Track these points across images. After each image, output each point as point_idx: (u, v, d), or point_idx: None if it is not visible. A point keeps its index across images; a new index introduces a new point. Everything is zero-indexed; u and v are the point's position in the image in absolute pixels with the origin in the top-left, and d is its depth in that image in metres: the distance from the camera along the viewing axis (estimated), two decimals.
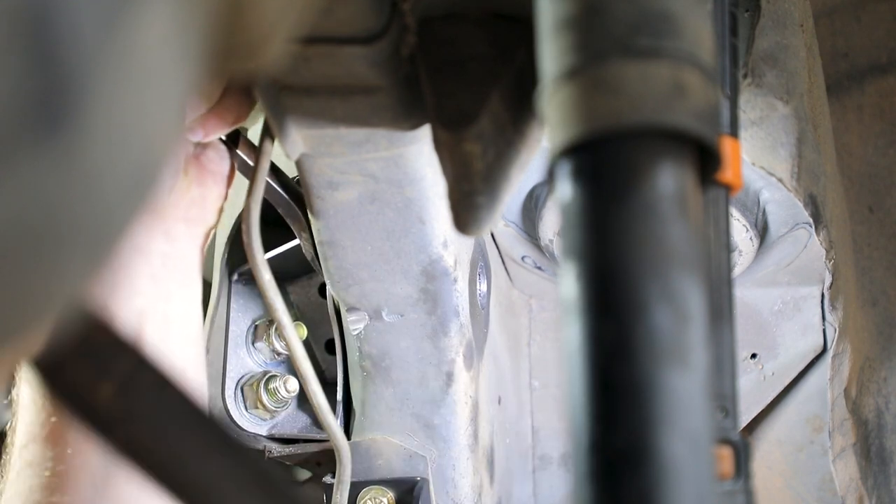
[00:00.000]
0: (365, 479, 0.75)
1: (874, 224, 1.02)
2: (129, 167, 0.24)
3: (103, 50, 0.21)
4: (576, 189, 0.34)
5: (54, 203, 0.22)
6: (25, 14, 0.20)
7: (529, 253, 0.92)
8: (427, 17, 0.52)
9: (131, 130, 0.23)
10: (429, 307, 0.70)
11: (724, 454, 0.49)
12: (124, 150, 0.23)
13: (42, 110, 0.20)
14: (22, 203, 0.21)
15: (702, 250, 0.34)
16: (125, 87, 0.22)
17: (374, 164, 0.60)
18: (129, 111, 0.23)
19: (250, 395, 0.77)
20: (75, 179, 0.22)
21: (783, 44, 0.76)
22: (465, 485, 0.77)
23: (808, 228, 0.81)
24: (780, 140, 0.76)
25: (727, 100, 0.56)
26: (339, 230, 0.65)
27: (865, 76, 1.05)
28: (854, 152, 1.04)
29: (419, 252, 0.67)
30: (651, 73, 0.34)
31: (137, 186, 0.24)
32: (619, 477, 0.31)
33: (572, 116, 0.34)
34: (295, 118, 0.56)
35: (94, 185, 0.23)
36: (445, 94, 0.49)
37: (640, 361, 0.32)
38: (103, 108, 0.22)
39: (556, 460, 0.98)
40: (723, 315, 0.51)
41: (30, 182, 0.21)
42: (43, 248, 0.22)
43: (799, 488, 0.96)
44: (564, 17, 0.35)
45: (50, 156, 0.21)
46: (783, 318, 0.92)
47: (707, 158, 0.35)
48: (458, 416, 0.75)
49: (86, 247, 0.24)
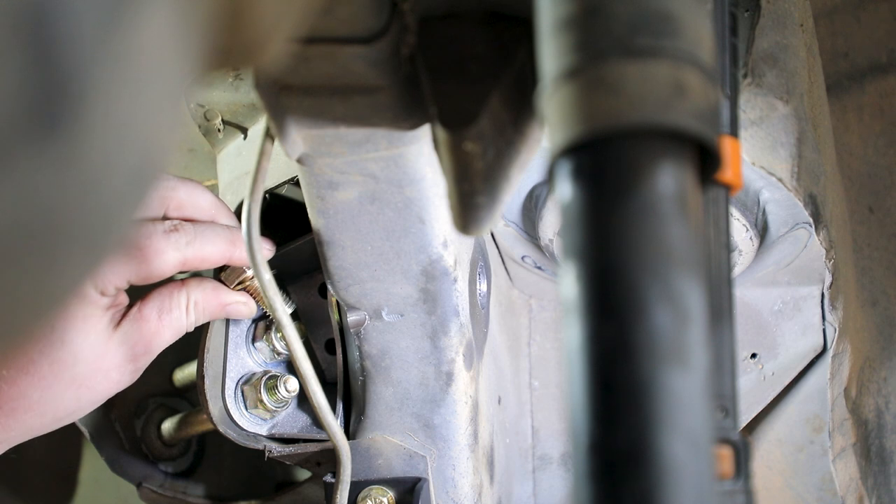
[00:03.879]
0: (365, 478, 0.75)
1: (874, 224, 1.02)
2: (128, 167, 0.24)
3: (103, 50, 0.21)
4: (576, 189, 0.34)
5: (53, 203, 0.22)
6: (25, 14, 0.20)
7: (529, 253, 0.92)
8: (427, 17, 0.52)
9: (130, 130, 0.23)
10: (429, 307, 0.70)
11: (724, 454, 0.49)
12: (123, 149, 0.23)
13: (41, 110, 0.20)
14: (20, 203, 0.21)
15: (702, 250, 0.34)
16: (124, 87, 0.22)
17: (374, 164, 0.60)
18: (127, 111, 0.23)
19: (250, 395, 0.77)
20: (74, 179, 0.22)
21: (783, 44, 0.76)
22: (465, 484, 0.77)
23: (808, 228, 0.81)
24: (780, 140, 0.76)
25: (727, 100, 0.56)
26: (339, 230, 0.65)
27: (865, 76, 1.05)
28: (854, 152, 1.04)
29: (419, 252, 0.67)
30: (651, 73, 0.34)
31: (135, 186, 0.24)
32: (619, 477, 0.31)
33: (572, 116, 0.34)
34: (295, 118, 0.56)
35: (93, 185, 0.23)
36: (445, 94, 0.49)
37: (640, 361, 0.32)
38: (102, 108, 0.22)
39: (556, 460, 0.98)
40: (723, 315, 0.51)
41: (28, 182, 0.21)
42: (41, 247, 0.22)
43: (799, 488, 0.96)
44: (564, 16, 0.35)
45: (48, 156, 0.21)
46: (783, 317, 0.92)
47: (707, 158, 0.35)
48: (458, 416, 0.75)
49: (83, 246, 0.24)
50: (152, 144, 0.24)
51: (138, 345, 0.72)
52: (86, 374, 0.70)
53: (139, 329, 0.71)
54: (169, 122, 0.25)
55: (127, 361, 0.72)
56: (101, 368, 0.71)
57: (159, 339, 0.72)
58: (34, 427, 0.71)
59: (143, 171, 0.24)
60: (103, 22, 0.21)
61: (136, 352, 0.72)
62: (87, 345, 0.70)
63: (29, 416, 0.70)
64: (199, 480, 0.99)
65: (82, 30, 0.20)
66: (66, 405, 0.71)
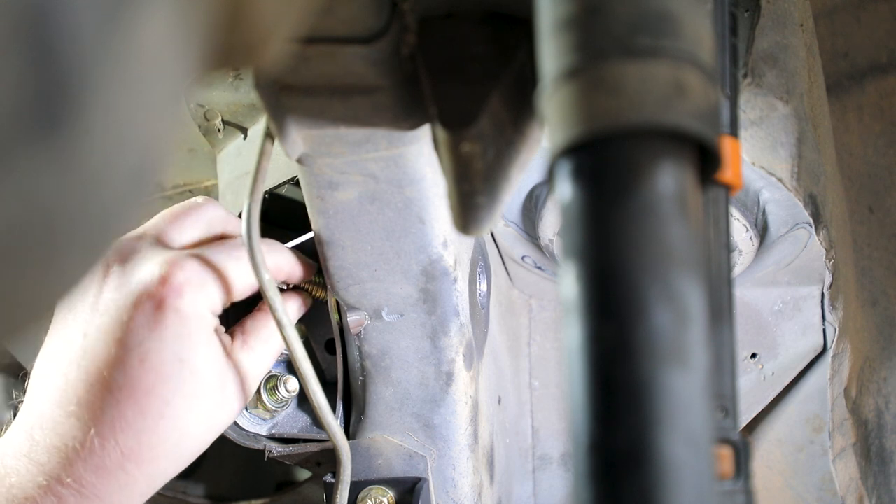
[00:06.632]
0: (365, 478, 0.75)
1: (874, 224, 1.02)
2: (127, 167, 0.24)
3: (103, 50, 0.21)
4: (576, 189, 0.34)
5: (52, 203, 0.22)
6: (25, 14, 0.20)
7: (529, 253, 0.92)
8: (427, 16, 0.52)
9: (130, 130, 0.23)
10: (429, 307, 0.70)
11: (724, 454, 0.49)
12: (122, 149, 0.23)
13: (41, 110, 0.20)
14: (19, 203, 0.21)
15: (702, 250, 0.34)
16: (124, 87, 0.22)
17: (374, 163, 0.60)
18: (127, 111, 0.23)
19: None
20: (73, 179, 0.22)
21: (783, 44, 0.76)
22: (464, 484, 0.77)
23: (808, 228, 0.81)
24: (780, 140, 0.76)
25: (727, 100, 0.56)
26: (339, 230, 0.65)
27: (865, 76, 1.05)
28: (854, 152, 1.04)
29: (419, 252, 0.67)
30: (651, 73, 0.34)
31: (134, 186, 0.24)
32: (619, 477, 0.31)
33: (572, 116, 0.34)
34: (295, 118, 0.56)
35: (93, 185, 0.23)
36: (445, 94, 0.49)
37: (640, 361, 0.32)
38: (102, 108, 0.22)
39: (556, 460, 0.98)
40: (723, 315, 0.51)
41: (28, 182, 0.21)
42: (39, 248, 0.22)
43: (799, 488, 0.96)
44: (564, 16, 0.35)
45: (48, 156, 0.21)
46: (783, 317, 0.92)
47: (707, 158, 0.35)
48: (458, 416, 0.75)
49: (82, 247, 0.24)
50: (152, 144, 0.24)
51: (248, 375, 0.68)
52: (216, 404, 0.66)
53: (248, 358, 0.68)
54: (169, 122, 0.25)
55: (240, 390, 0.68)
56: (230, 394, 0.67)
57: (262, 368, 0.70)
58: (168, 473, 0.65)
59: (143, 171, 0.24)
60: (103, 22, 0.21)
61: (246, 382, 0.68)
62: (212, 371, 0.65)
63: (167, 462, 0.64)
64: (199, 480, 0.99)
65: (82, 30, 0.20)
66: (202, 440, 0.66)
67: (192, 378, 0.64)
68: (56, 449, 0.62)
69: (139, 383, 0.62)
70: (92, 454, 0.62)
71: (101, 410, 0.62)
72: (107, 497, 0.62)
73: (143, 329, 0.63)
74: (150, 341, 0.63)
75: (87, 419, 0.62)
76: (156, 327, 0.63)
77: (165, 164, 0.26)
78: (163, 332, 0.63)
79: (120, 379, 0.62)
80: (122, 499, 0.63)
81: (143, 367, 0.62)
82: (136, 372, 0.62)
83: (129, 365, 0.62)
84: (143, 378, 0.62)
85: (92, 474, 0.61)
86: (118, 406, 0.62)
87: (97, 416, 0.62)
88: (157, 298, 0.63)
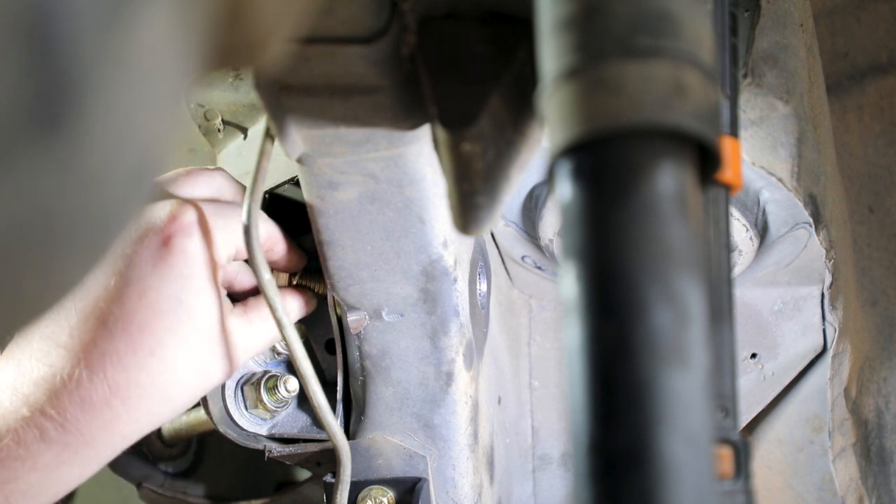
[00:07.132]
0: (365, 478, 0.75)
1: (874, 224, 1.02)
2: (127, 167, 0.24)
3: (103, 50, 0.21)
4: (576, 189, 0.34)
5: (52, 203, 0.22)
6: (25, 14, 0.20)
7: (529, 253, 0.92)
8: (427, 16, 0.52)
9: (130, 130, 0.23)
10: (429, 307, 0.70)
11: (724, 454, 0.49)
12: (123, 149, 0.23)
13: (41, 110, 0.20)
14: (19, 203, 0.21)
15: (702, 250, 0.34)
16: (124, 87, 0.22)
17: (374, 164, 0.60)
18: (127, 111, 0.23)
19: (250, 395, 0.77)
20: (73, 179, 0.22)
21: (783, 44, 0.76)
22: (465, 484, 0.77)
23: (808, 228, 0.81)
24: (780, 140, 0.76)
25: (727, 100, 0.56)
26: (339, 230, 0.65)
27: (865, 76, 1.05)
28: (854, 152, 1.04)
29: (419, 252, 0.67)
30: (651, 73, 0.34)
31: (134, 186, 0.24)
32: (619, 477, 0.31)
33: (572, 116, 0.34)
34: (295, 118, 0.56)
35: (93, 185, 0.23)
36: (445, 94, 0.49)
37: (640, 361, 0.32)
38: (102, 108, 0.22)
39: (556, 460, 0.98)
40: (723, 315, 0.51)
41: (27, 182, 0.21)
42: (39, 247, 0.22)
43: (799, 488, 0.96)
44: (564, 16, 0.35)
45: (48, 155, 0.21)
46: (783, 317, 0.92)
47: (707, 158, 0.35)
48: (458, 416, 0.75)
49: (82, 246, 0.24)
50: (152, 144, 0.24)
51: (239, 345, 0.68)
52: (207, 353, 0.65)
53: (243, 328, 0.68)
54: (169, 122, 0.25)
55: (229, 355, 0.67)
56: (220, 352, 0.65)
57: (256, 344, 0.70)
58: (153, 418, 0.64)
59: (143, 171, 0.24)
60: (103, 22, 0.21)
61: (236, 350, 0.68)
62: (208, 320, 0.64)
63: (152, 403, 0.63)
64: (199, 480, 0.99)
65: (82, 30, 0.20)
66: (189, 392, 0.65)
67: (188, 321, 0.63)
68: (43, 380, 0.60)
69: (134, 318, 0.61)
70: (79, 386, 0.60)
71: (93, 343, 0.61)
72: (89, 433, 0.61)
73: (147, 264, 0.62)
74: (151, 277, 0.62)
75: (77, 350, 0.61)
76: (159, 263, 0.62)
77: (165, 164, 0.26)
78: (165, 270, 0.62)
79: (116, 312, 0.61)
80: (104, 436, 0.62)
81: (141, 303, 0.62)
82: (132, 306, 0.61)
83: (127, 298, 0.61)
84: (138, 313, 0.61)
85: (77, 408, 0.60)
86: (111, 339, 0.61)
87: (88, 348, 0.61)
88: (164, 235, 0.63)
